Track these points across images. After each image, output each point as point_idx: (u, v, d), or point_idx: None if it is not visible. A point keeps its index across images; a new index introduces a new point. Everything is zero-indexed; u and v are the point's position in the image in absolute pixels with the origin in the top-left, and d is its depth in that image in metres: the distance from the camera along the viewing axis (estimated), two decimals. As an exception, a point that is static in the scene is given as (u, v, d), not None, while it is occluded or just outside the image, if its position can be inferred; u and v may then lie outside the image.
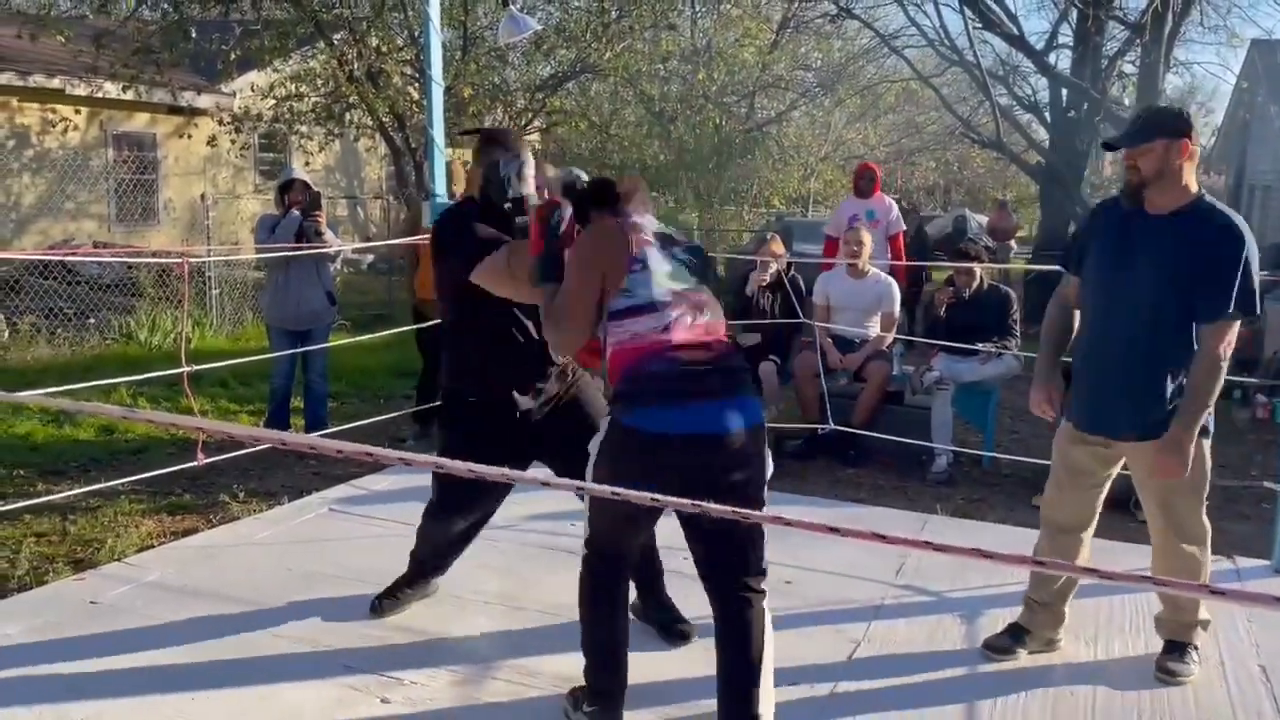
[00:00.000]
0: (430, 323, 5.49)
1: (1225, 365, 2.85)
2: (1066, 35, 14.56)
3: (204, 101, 13.69)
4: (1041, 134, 15.25)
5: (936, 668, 3.11)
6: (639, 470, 2.38)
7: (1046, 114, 14.62)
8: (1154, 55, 11.76)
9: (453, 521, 3.29)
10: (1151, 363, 2.91)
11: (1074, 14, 13.47)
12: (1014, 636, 3.25)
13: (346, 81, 11.52)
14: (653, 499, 1.47)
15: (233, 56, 11.95)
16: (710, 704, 2.59)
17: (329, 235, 5.98)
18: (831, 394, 5.78)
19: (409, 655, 3.13)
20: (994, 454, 5.79)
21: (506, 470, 1.54)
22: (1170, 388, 2.89)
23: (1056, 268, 3.46)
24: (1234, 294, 2.79)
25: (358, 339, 6.81)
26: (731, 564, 2.58)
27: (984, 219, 18.84)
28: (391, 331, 6.23)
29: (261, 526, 4.31)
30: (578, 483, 2.27)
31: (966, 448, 5.92)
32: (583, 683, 2.78)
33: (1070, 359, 3.17)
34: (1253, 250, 2.82)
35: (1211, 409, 2.93)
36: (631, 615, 3.10)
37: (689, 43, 19.04)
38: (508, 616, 3.42)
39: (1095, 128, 12.66)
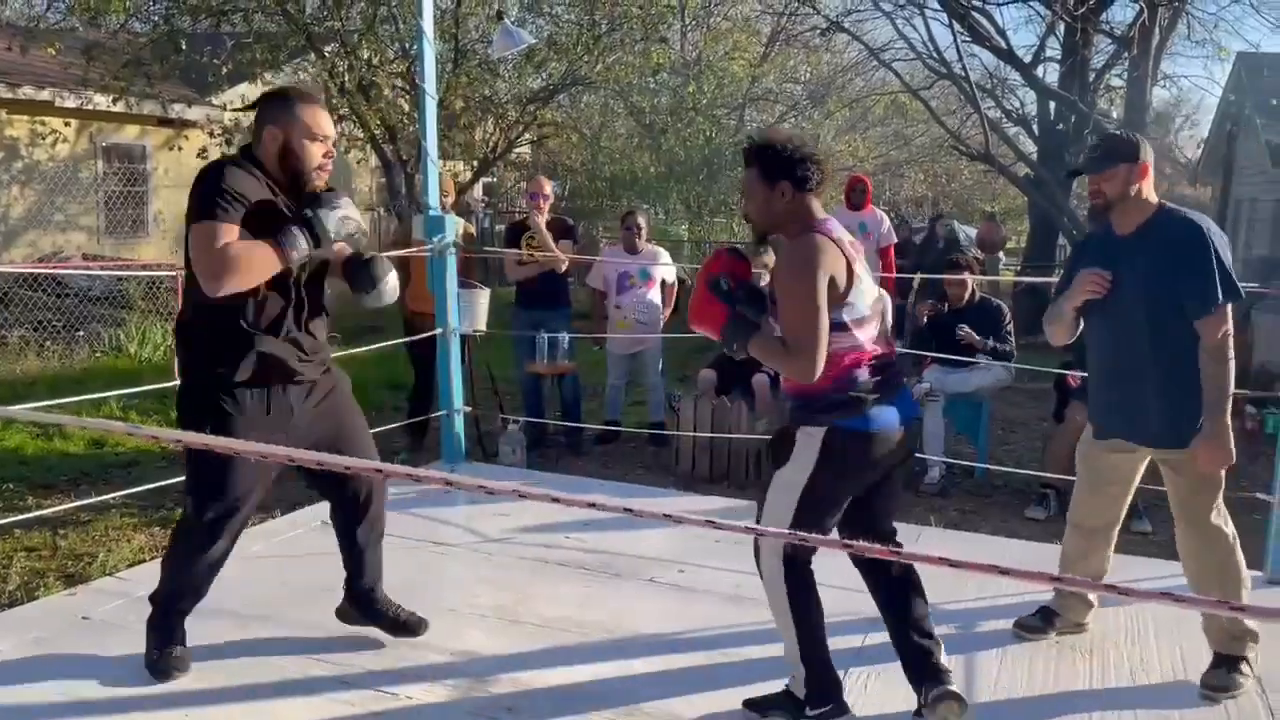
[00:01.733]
0: (423, 335, 5.48)
1: (1230, 350, 2.96)
2: (1054, 49, 14.67)
3: (194, 114, 13.67)
4: (1030, 146, 15.34)
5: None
6: (866, 467, 2.64)
7: (1034, 127, 14.70)
8: (1141, 69, 11.85)
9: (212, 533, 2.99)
10: (1169, 373, 3.02)
11: (1062, 28, 13.56)
12: (1044, 618, 3.42)
13: (338, 94, 11.53)
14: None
15: (224, 69, 11.95)
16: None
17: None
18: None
19: (404, 669, 3.11)
20: (986, 465, 5.81)
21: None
22: (1194, 389, 2.99)
23: (1047, 279, 3.53)
24: (1216, 283, 2.90)
25: (349, 351, 6.78)
26: (886, 533, 2.87)
27: (971, 230, 18.93)
28: (383, 344, 6.22)
29: (255, 540, 4.28)
30: (750, 526, 2.17)
31: (958, 459, 5.93)
32: (760, 693, 2.85)
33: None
34: (1218, 237, 2.95)
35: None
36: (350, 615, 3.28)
37: (679, 55, 19.12)
38: (503, 630, 3.41)
39: (1083, 140, 12.71)
